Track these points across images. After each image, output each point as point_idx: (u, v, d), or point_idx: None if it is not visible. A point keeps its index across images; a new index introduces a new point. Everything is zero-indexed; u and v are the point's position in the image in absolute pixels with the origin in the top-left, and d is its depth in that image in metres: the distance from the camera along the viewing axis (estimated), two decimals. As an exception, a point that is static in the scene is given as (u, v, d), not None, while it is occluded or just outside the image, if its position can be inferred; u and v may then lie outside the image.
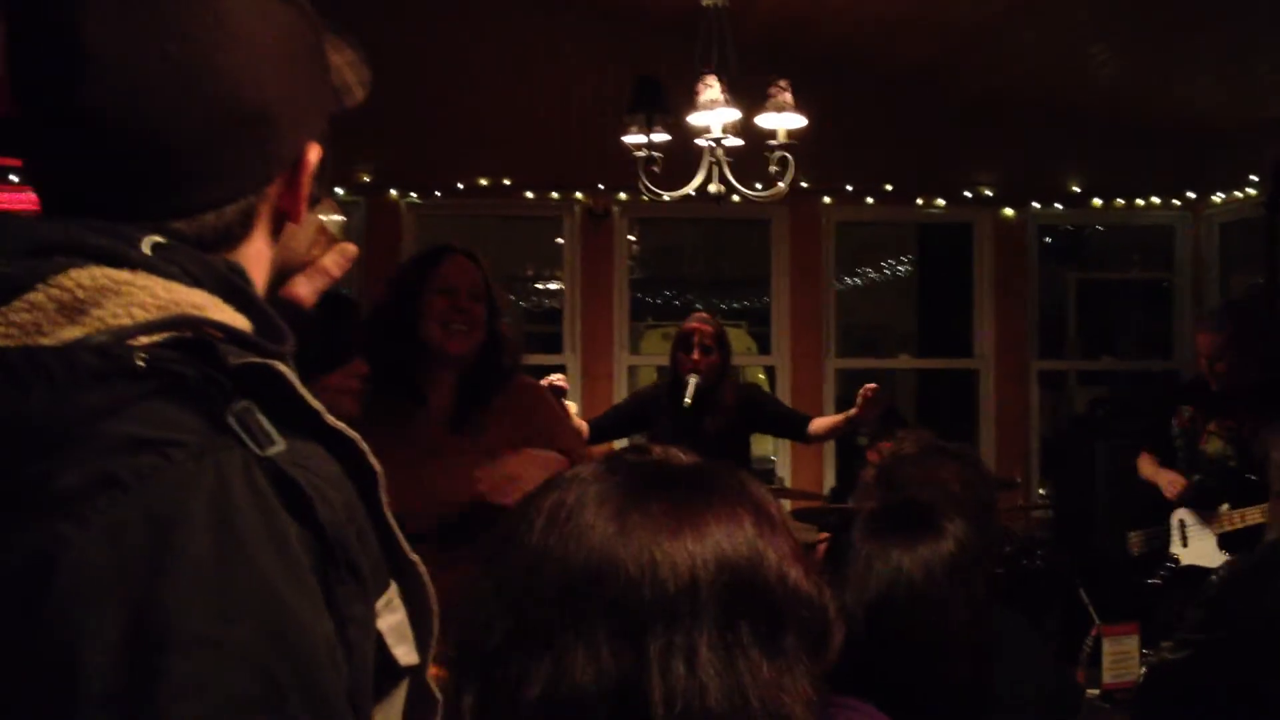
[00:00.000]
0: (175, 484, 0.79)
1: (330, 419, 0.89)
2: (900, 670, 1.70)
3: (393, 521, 0.95)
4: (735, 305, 11.17)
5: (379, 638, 0.92)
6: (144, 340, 0.84)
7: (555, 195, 6.72)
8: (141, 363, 0.82)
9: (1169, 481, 4.87)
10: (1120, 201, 7.07)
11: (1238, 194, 6.71)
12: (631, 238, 7.25)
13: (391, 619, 0.94)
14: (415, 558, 0.98)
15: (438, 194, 6.64)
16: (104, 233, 0.88)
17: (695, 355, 4.51)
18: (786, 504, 5.85)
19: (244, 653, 0.77)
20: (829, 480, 6.68)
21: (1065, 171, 6.95)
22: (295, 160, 0.99)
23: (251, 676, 0.77)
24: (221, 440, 0.82)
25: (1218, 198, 6.90)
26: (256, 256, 0.99)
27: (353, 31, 1.12)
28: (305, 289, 1.13)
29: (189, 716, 0.74)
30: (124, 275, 0.86)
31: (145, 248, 0.89)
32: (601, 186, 6.62)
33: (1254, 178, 6.41)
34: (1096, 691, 3.42)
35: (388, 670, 0.94)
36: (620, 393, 6.74)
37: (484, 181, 6.59)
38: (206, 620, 0.76)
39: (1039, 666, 2.58)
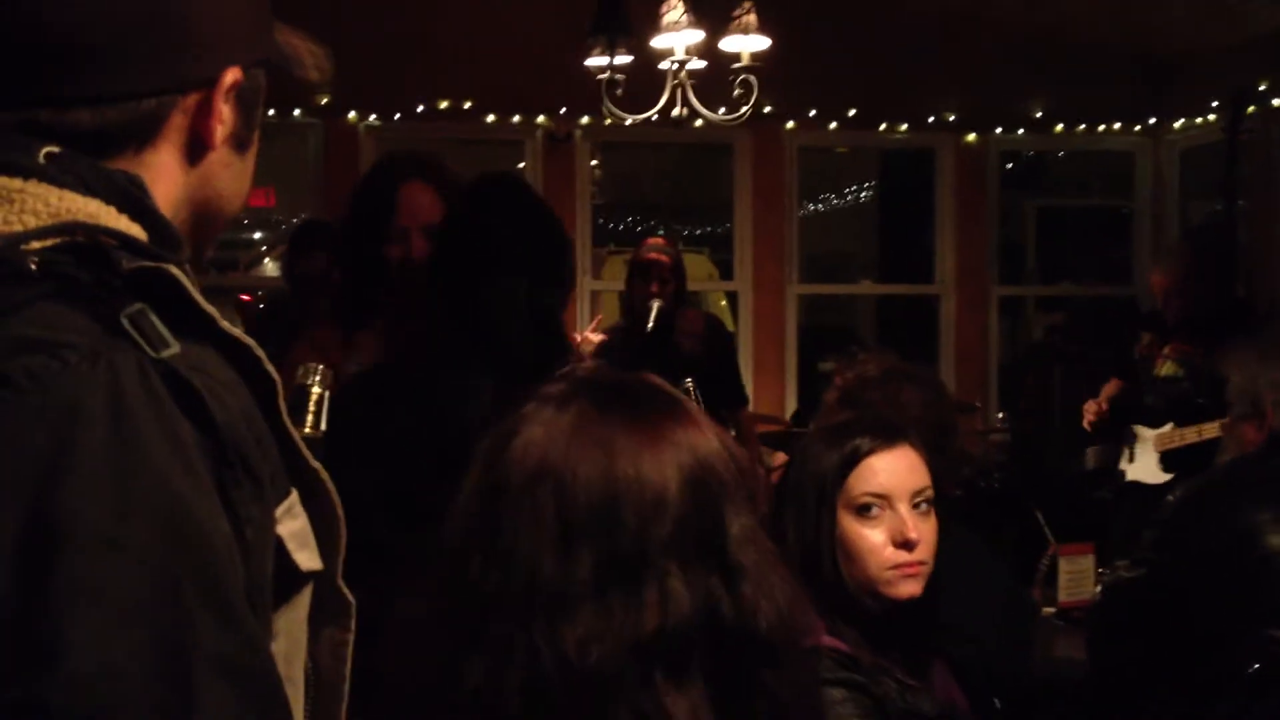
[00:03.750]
0: (69, 385, 0.79)
1: (225, 325, 0.89)
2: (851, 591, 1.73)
3: (292, 430, 0.96)
4: (698, 231, 11.13)
5: (279, 543, 0.93)
6: (36, 245, 0.83)
7: (517, 119, 6.64)
8: (34, 266, 0.82)
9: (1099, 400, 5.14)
10: (1082, 128, 7.08)
11: (1198, 120, 6.72)
12: (594, 162, 7.19)
13: (292, 525, 0.95)
14: (317, 465, 1.00)
15: (397, 117, 6.55)
16: None
17: (654, 287, 4.47)
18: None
19: (141, 551, 0.77)
20: (791, 404, 6.72)
21: (1028, 97, 6.94)
22: (212, 79, 0.98)
23: (149, 574, 0.77)
24: (115, 342, 0.82)
25: (1179, 124, 6.92)
26: (163, 170, 0.98)
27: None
28: None
29: (87, 615, 0.75)
30: (16, 183, 0.87)
31: (40, 157, 0.88)
32: (564, 110, 6.54)
33: (1215, 104, 6.42)
34: (1052, 610, 3.48)
35: (289, 575, 0.95)
36: (584, 319, 6.72)
37: (444, 104, 6.50)
38: (103, 519, 0.77)
39: (996, 586, 2.63)
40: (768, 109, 5.86)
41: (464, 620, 0.99)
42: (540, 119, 6.62)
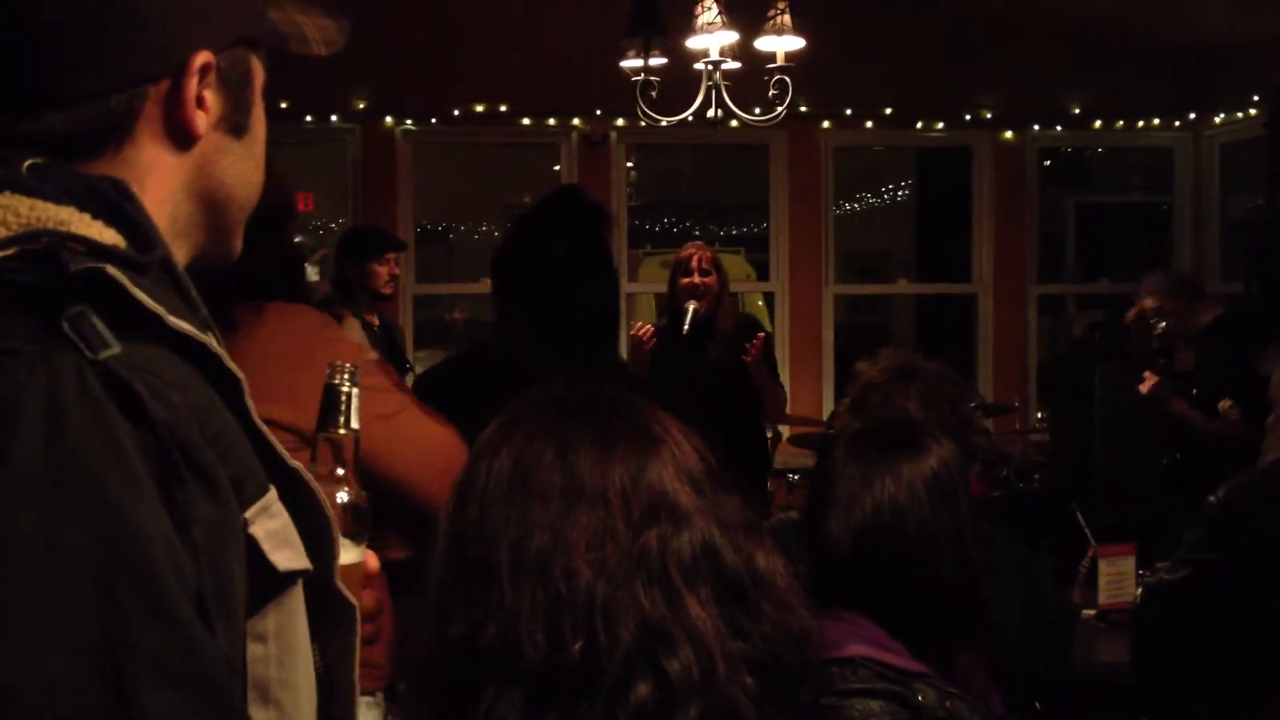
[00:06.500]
0: (5, 390, 0.80)
1: (173, 322, 0.88)
2: (889, 589, 1.72)
3: (264, 428, 0.95)
4: (734, 232, 11.12)
5: (255, 544, 0.91)
6: None
7: (552, 122, 6.66)
8: None
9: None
10: (1121, 123, 7.02)
11: (1239, 115, 6.65)
12: (629, 164, 7.20)
13: (270, 524, 0.93)
14: (297, 464, 0.99)
15: (433, 121, 6.58)
16: None
17: (695, 279, 4.48)
18: (785, 430, 5.87)
19: (75, 555, 0.77)
20: (828, 405, 6.69)
21: (1066, 93, 6.88)
22: (179, 65, 0.97)
23: (83, 579, 0.77)
24: (55, 346, 0.82)
25: (1219, 119, 6.85)
26: (151, 166, 0.98)
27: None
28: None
29: (20, 623, 0.75)
30: None
31: (22, 169, 0.89)
32: (599, 113, 6.55)
33: (1256, 98, 6.35)
34: (1093, 612, 3.45)
35: (269, 576, 0.93)
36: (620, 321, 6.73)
37: (480, 108, 6.53)
38: (36, 524, 0.77)
39: (1035, 587, 2.61)
40: (803, 108, 5.86)
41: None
42: (575, 122, 6.64)
